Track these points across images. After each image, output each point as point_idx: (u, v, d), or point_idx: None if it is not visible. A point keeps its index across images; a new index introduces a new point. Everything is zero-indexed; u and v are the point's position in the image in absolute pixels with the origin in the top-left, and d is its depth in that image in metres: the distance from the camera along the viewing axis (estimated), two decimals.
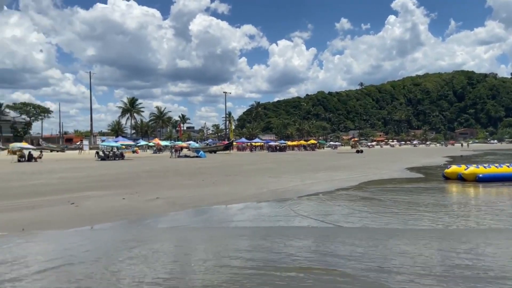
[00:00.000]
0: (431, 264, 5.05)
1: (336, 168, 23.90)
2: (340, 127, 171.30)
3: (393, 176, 18.91)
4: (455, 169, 16.51)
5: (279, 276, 4.59)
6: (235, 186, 14.35)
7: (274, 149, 67.03)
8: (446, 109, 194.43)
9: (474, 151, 65.30)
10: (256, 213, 9.60)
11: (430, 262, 5.14)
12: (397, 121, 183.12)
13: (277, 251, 5.73)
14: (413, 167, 25.34)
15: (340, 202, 11.08)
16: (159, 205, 10.18)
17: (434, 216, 8.74)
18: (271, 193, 12.48)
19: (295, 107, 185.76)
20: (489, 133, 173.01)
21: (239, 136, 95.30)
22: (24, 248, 6.25)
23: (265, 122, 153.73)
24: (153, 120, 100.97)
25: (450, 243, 6.27)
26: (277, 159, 37.19)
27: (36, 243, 6.73)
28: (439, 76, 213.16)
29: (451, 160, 33.89)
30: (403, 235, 6.95)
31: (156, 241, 6.69)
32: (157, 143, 60.59)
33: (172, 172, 20.77)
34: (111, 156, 36.42)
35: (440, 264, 5.07)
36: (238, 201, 11.03)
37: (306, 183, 15.05)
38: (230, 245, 6.38)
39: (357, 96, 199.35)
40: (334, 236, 7.00)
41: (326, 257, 5.39)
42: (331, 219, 8.64)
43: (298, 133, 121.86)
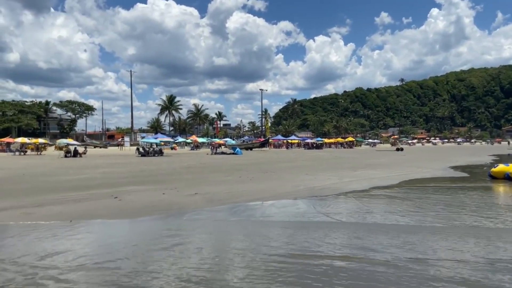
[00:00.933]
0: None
1: (375, 166, 23.33)
2: (379, 125, 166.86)
3: (436, 175, 18.19)
4: (502, 168, 15.65)
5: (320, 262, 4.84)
6: (272, 183, 14.36)
7: (311, 147, 66.42)
8: (493, 106, 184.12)
9: None
10: (292, 210, 9.56)
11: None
12: (439, 118, 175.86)
13: (317, 242, 5.72)
14: (457, 165, 24.27)
15: (378, 200, 10.82)
16: (197, 200, 10.38)
17: (474, 217, 8.32)
18: (308, 191, 12.38)
19: (332, 104, 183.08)
20: None
21: (275, 133, 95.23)
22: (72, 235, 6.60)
23: (301, 119, 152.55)
24: (191, 117, 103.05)
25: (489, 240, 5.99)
26: (314, 156, 36.84)
27: (82, 233, 7.09)
28: (485, 71, 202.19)
29: (498, 159, 32.10)
30: (442, 231, 6.67)
31: (195, 233, 6.85)
32: (194, 140, 61.79)
33: (209, 169, 21.11)
34: (151, 153, 37.54)
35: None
36: (274, 198, 11.04)
37: (344, 181, 14.80)
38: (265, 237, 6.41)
39: (397, 93, 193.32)
40: (372, 231, 6.84)
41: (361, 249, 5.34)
42: (369, 217, 8.45)
43: (335, 131, 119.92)
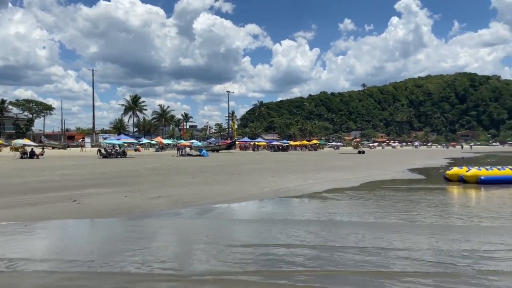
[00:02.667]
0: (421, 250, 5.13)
1: (338, 168, 23.91)
2: (342, 128, 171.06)
3: (395, 177, 18.92)
4: (456, 170, 16.50)
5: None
6: (238, 185, 14.39)
7: (277, 149, 67.00)
8: (448, 111, 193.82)
9: (476, 153, 65.13)
10: (257, 211, 9.65)
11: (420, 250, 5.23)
12: (398, 122, 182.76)
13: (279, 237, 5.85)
14: (415, 168, 25.34)
15: (340, 201, 11.12)
16: (161, 203, 10.23)
17: (429, 215, 8.76)
18: (273, 192, 12.52)
19: (298, 107, 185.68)
20: (491, 136, 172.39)
21: (241, 136, 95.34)
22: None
23: (268, 122, 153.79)
24: (156, 119, 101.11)
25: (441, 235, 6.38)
26: (280, 158, 37.22)
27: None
28: (441, 78, 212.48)
29: (453, 162, 33.85)
30: (397, 227, 7.00)
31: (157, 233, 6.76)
32: (159, 142, 60.67)
33: (174, 171, 20.83)
34: (113, 154, 36.50)
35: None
36: (240, 200, 11.09)
37: (308, 183, 15.08)
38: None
39: (360, 97, 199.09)
40: (334, 227, 7.05)
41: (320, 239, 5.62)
42: (329, 215, 8.68)
43: (301, 133, 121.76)
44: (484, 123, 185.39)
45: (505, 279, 4.81)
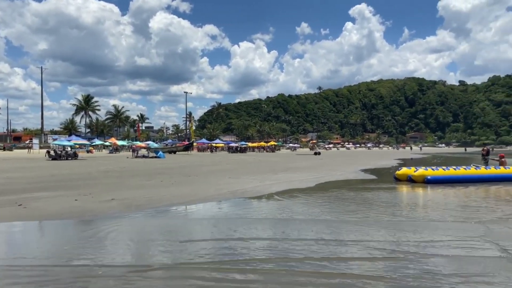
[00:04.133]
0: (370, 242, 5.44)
1: (295, 169, 24.34)
2: (299, 130, 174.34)
3: (348, 178, 19.57)
4: (405, 171, 17.34)
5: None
6: (195, 187, 14.24)
7: (235, 150, 67.04)
8: (398, 114, 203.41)
9: (424, 154, 68.86)
10: (215, 212, 9.61)
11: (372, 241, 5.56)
12: (352, 125, 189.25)
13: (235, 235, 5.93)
14: (367, 168, 26.33)
15: (296, 200, 11.32)
16: (114, 206, 9.91)
17: (381, 212, 9.18)
18: (231, 194, 12.53)
19: (256, 109, 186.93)
20: (437, 137, 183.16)
21: (199, 137, 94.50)
22: None
23: (226, 123, 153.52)
24: (110, 119, 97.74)
25: (389, 230, 6.73)
26: (238, 160, 37.26)
27: None
28: (392, 82, 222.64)
29: (402, 162, 35.52)
30: (349, 223, 7.28)
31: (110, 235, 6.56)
32: (113, 143, 58.76)
33: (129, 173, 20.24)
34: (63, 156, 34.84)
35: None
36: (197, 202, 10.98)
37: (265, 184, 15.23)
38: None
39: (316, 100, 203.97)
40: (288, 225, 7.20)
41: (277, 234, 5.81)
42: (284, 213, 8.84)
43: (259, 135, 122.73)
44: (431, 126, 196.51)
45: (442, 260, 5.60)
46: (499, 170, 17.41)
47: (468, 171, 16.91)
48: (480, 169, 17.35)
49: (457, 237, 6.85)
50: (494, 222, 8.08)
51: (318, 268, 5.26)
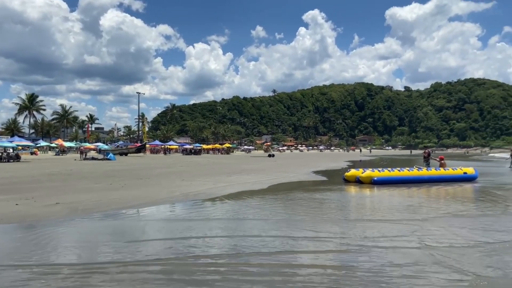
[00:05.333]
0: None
1: (249, 171, 24.51)
2: (254, 132, 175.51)
3: (301, 179, 20.03)
4: (354, 172, 18.06)
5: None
6: (146, 189, 13.92)
7: (189, 152, 66.23)
8: (349, 118, 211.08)
9: (372, 156, 72.01)
10: (166, 215, 9.47)
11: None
12: (305, 128, 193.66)
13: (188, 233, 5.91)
14: (319, 170, 27.09)
15: (248, 202, 11.43)
16: (59, 210, 9.45)
17: (330, 211, 9.54)
18: (183, 196, 12.39)
19: (211, 111, 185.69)
20: (384, 140, 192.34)
21: (152, 139, 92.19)
22: None
23: (180, 125, 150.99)
24: (57, 119, 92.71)
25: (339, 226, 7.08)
26: (192, 162, 36.86)
27: None
28: (343, 86, 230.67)
29: (351, 164, 36.93)
30: (299, 222, 7.53)
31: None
32: (60, 144, 55.96)
33: (76, 176, 19.36)
34: (5, 158, 32.67)
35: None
36: (148, 205, 10.74)
37: (218, 186, 15.21)
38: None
39: (270, 102, 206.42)
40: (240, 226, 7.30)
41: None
42: (235, 214, 8.93)
43: (214, 137, 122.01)
44: (379, 129, 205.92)
45: (387, 251, 6.17)
46: (439, 171, 18.64)
47: (411, 172, 17.92)
48: (422, 170, 18.46)
49: (395, 233, 7.36)
50: (427, 221, 8.66)
51: (270, 261, 5.58)
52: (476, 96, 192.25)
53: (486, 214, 9.76)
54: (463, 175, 18.43)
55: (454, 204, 11.63)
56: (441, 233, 7.40)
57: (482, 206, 11.06)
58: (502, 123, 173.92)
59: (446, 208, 10.76)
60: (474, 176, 18.59)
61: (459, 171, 18.71)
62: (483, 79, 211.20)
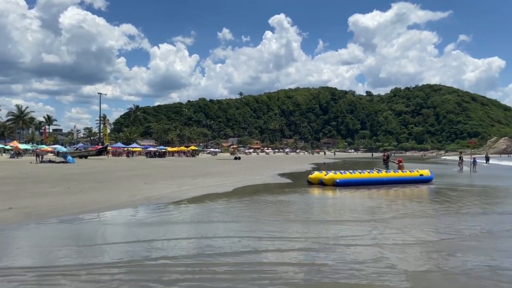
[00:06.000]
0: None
1: (214, 174, 24.37)
2: (220, 134, 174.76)
3: (266, 181, 20.16)
4: (317, 175, 18.41)
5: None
6: (106, 193, 13.50)
7: (153, 155, 64.95)
8: (313, 121, 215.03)
9: (336, 159, 73.70)
10: (126, 219, 9.22)
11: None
12: (272, 130, 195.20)
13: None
14: (284, 173, 27.39)
15: (213, 204, 11.36)
16: (11, 216, 8.97)
17: (293, 212, 9.67)
18: (145, 200, 12.12)
19: (176, 113, 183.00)
20: (347, 143, 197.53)
21: (114, 141, 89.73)
22: None
23: (144, 127, 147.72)
24: (12, 120, 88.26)
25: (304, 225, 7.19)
26: (156, 165, 36.16)
27: None
28: (308, 90, 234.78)
29: (316, 166, 37.61)
30: (269, 223, 7.59)
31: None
32: (15, 147, 53.21)
33: (31, 179, 18.46)
34: None
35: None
36: (107, 209, 10.43)
37: (182, 189, 15.01)
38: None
39: (237, 105, 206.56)
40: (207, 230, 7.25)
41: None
42: (200, 218, 8.84)
43: (179, 139, 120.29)
44: (342, 132, 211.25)
45: (345, 249, 6.48)
46: (397, 173, 19.37)
47: (371, 175, 18.51)
48: (382, 172, 19.11)
49: (354, 233, 7.63)
50: (382, 221, 8.98)
51: (236, 260, 5.74)
52: (433, 102, 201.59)
53: (440, 214, 10.23)
54: (420, 177, 19.26)
55: (410, 205, 12.12)
56: (394, 232, 7.72)
57: (436, 207, 11.58)
58: (457, 127, 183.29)
59: (403, 209, 11.19)
60: (430, 178, 19.46)
61: (416, 173, 19.53)
62: (439, 85, 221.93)
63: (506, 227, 8.40)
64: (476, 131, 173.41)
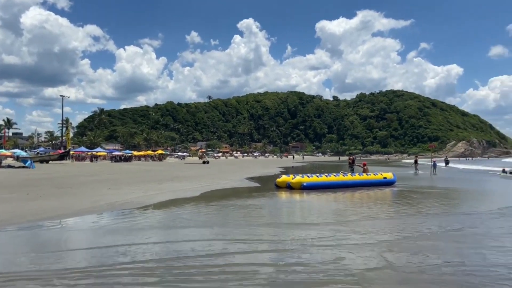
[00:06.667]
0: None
1: (182, 178, 24.07)
2: (189, 138, 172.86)
3: (234, 186, 20.12)
4: (284, 178, 18.59)
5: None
6: (68, 199, 13.02)
7: (119, 159, 63.33)
8: (282, 125, 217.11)
9: (304, 162, 74.68)
10: (88, 226, 8.93)
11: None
12: (241, 134, 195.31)
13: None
14: (253, 177, 27.45)
15: (178, 210, 11.21)
16: None
17: (266, 215, 9.72)
18: (109, 206, 11.79)
19: (143, 116, 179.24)
20: (315, 147, 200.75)
21: (78, 145, 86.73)
22: None
23: (109, 131, 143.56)
24: None
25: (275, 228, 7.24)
26: (121, 169, 35.26)
27: None
28: (277, 95, 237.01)
29: (284, 170, 37.94)
30: (237, 227, 7.58)
31: None
32: None
33: None
34: None
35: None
36: (68, 216, 10.05)
37: (148, 195, 14.71)
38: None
39: (206, 109, 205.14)
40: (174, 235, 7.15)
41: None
42: (165, 223, 8.71)
43: (146, 143, 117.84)
44: (310, 136, 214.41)
45: (317, 250, 6.54)
46: (362, 176, 19.89)
47: (337, 178, 18.90)
48: (347, 175, 19.56)
49: (319, 235, 7.80)
50: (346, 223, 9.23)
51: (205, 262, 5.87)
52: (396, 107, 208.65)
53: (401, 215, 10.61)
54: (383, 180, 19.87)
55: (374, 207, 12.48)
56: (356, 233, 7.97)
57: (398, 209, 11.99)
58: (418, 132, 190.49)
59: (368, 211, 11.50)
60: (393, 181, 20.13)
61: (380, 176, 20.14)
62: (402, 91, 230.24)
63: (460, 226, 8.87)
64: (436, 135, 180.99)
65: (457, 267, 5.76)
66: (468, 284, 5.02)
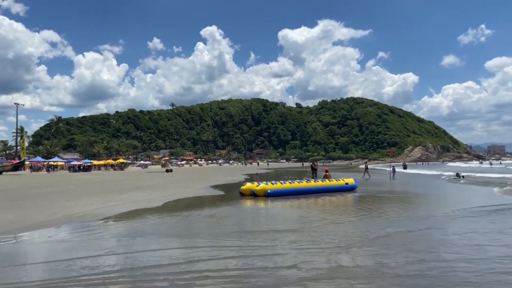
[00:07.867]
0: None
1: (144, 188, 23.52)
2: (152, 146, 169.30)
3: (198, 194, 19.91)
4: (249, 186, 18.62)
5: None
6: (21, 212, 12.37)
7: (77, 169, 60.97)
8: (246, 132, 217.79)
9: (269, 169, 75.18)
10: (43, 240, 8.51)
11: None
12: (205, 142, 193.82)
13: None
14: (217, 185, 27.29)
15: (139, 221, 10.94)
16: None
17: (231, 223, 9.69)
18: (66, 218, 11.31)
19: (103, 124, 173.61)
20: (279, 154, 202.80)
21: (33, 155, 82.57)
22: None
23: (67, 139, 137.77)
24: None
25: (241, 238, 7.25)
26: (80, 180, 33.92)
27: None
28: (241, 102, 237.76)
29: (249, 178, 38.02)
30: (204, 235, 7.53)
31: None
32: None
33: None
34: None
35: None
36: (22, 230, 9.53)
37: (108, 206, 14.25)
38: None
39: (169, 116, 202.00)
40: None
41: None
42: (126, 234, 8.48)
43: (106, 152, 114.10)
44: (274, 143, 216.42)
45: (276, 257, 6.27)
46: (325, 182, 20.31)
47: (301, 184, 19.17)
48: (310, 182, 19.90)
49: (280, 242, 7.91)
50: (309, 229, 9.40)
51: (170, 270, 5.92)
52: (356, 113, 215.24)
53: (361, 220, 10.94)
54: (345, 186, 20.38)
55: (336, 212, 12.79)
56: (317, 238, 8.23)
57: (358, 214, 12.34)
58: (378, 138, 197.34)
59: (330, 216, 11.75)
60: (354, 186, 20.69)
61: (342, 182, 20.64)
62: (362, 98, 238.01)
63: (418, 228, 9.26)
64: (394, 141, 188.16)
65: (416, 264, 6.10)
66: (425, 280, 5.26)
